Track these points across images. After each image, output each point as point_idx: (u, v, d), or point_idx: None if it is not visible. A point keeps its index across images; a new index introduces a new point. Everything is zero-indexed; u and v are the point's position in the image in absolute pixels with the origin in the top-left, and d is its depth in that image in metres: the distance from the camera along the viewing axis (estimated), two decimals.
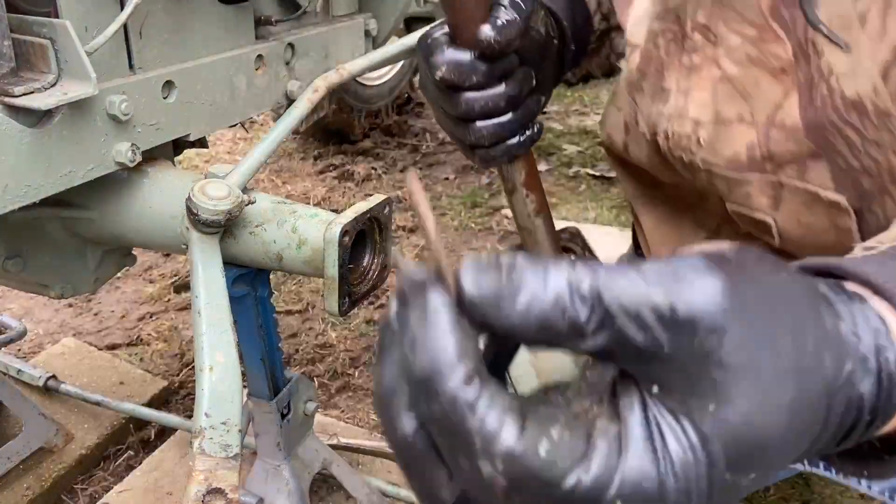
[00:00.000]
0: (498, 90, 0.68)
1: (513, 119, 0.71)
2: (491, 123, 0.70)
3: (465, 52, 0.66)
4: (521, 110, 0.71)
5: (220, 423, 0.92)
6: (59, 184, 1.02)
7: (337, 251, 1.04)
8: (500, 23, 0.65)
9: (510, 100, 0.69)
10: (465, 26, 0.65)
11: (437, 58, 0.67)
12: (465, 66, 0.66)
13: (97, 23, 1.03)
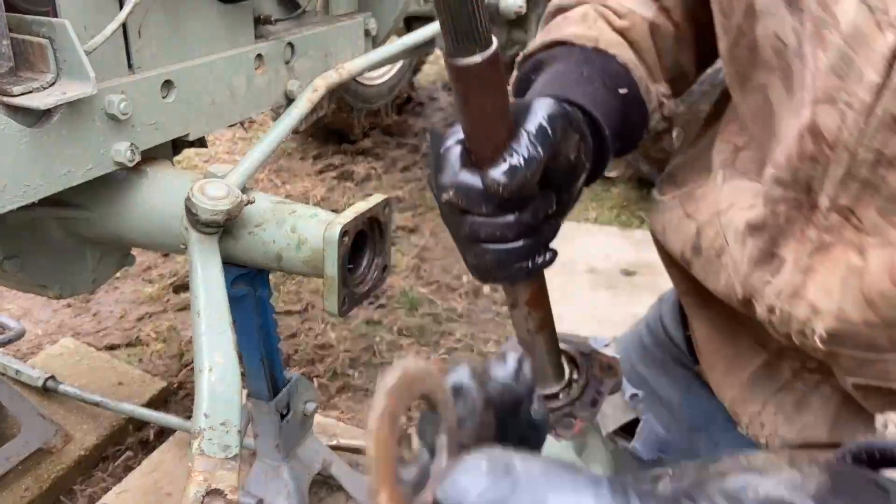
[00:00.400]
0: (508, 219, 0.61)
1: (522, 246, 0.63)
2: (496, 248, 0.63)
3: (478, 176, 0.58)
4: (533, 238, 0.63)
5: (220, 423, 0.91)
6: (58, 184, 1.02)
7: (337, 251, 1.03)
8: (514, 163, 0.57)
9: (522, 228, 0.62)
10: (481, 145, 0.58)
11: (446, 178, 0.60)
12: (474, 195, 0.59)
13: (96, 22, 1.03)
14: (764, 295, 0.67)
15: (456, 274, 2.91)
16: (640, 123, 0.78)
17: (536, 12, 2.91)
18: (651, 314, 1.05)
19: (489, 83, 0.54)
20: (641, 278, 2.78)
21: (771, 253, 0.67)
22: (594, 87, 0.73)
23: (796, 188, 0.62)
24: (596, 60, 0.75)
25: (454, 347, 2.48)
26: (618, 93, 0.74)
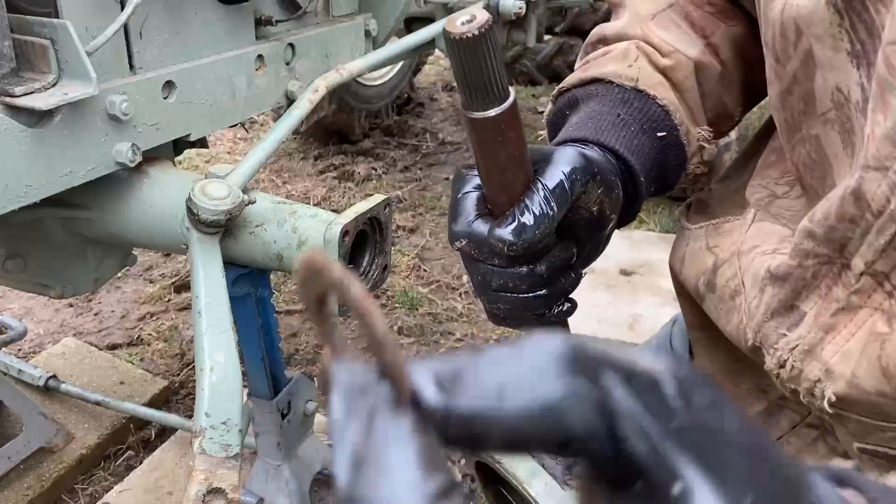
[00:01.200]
0: (520, 270, 0.60)
1: (536, 297, 0.62)
2: (509, 297, 0.62)
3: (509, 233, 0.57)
4: (548, 289, 0.62)
5: (221, 422, 0.92)
6: (60, 184, 1.02)
7: (337, 251, 1.04)
8: (523, 221, 0.55)
9: (536, 280, 0.61)
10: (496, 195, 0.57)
11: (459, 226, 0.59)
12: (485, 247, 0.58)
13: (97, 23, 1.03)
14: (777, 347, 0.64)
15: (456, 274, 2.92)
16: (678, 167, 0.75)
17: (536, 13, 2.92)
18: (661, 335, 1.03)
19: (504, 135, 0.54)
20: (640, 278, 2.78)
21: (791, 305, 0.63)
22: (630, 130, 0.71)
23: (829, 246, 0.60)
24: (634, 102, 0.73)
25: (454, 347, 2.48)
26: (656, 136, 0.72)
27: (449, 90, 5.37)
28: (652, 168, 0.72)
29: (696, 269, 0.76)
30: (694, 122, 0.76)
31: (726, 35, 0.78)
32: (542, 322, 0.64)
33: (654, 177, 0.72)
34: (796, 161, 0.65)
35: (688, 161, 0.75)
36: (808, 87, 0.60)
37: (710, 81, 0.77)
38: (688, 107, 0.75)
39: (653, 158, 0.72)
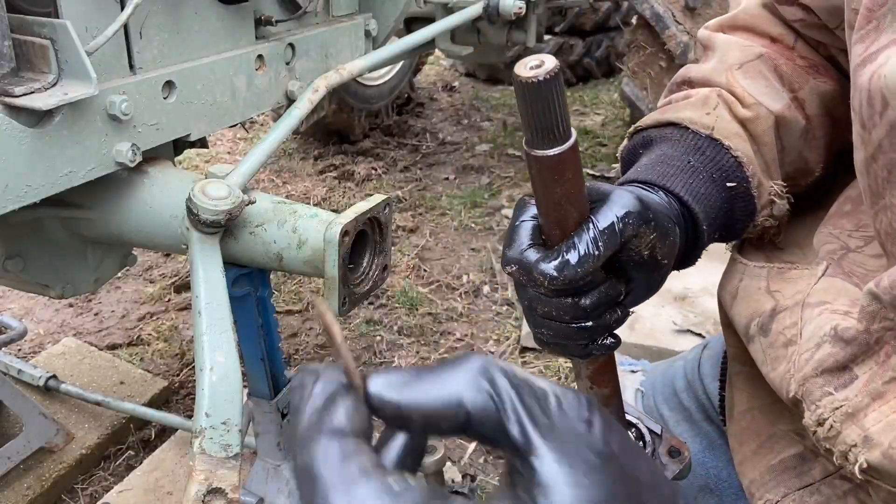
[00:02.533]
0: (565, 301, 0.61)
1: (579, 329, 0.63)
2: (553, 325, 0.64)
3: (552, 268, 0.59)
4: (592, 321, 0.63)
5: (221, 422, 0.92)
6: (60, 184, 1.02)
7: (337, 251, 1.04)
8: (568, 259, 0.58)
9: (580, 313, 0.62)
10: (550, 227, 0.60)
11: (512, 252, 0.61)
12: (533, 276, 0.59)
13: (97, 23, 1.03)
14: (819, 404, 0.63)
15: (456, 274, 2.92)
16: (746, 217, 0.75)
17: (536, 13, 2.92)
18: (690, 359, 1.01)
19: (563, 174, 0.56)
20: None
21: (845, 366, 0.62)
22: (699, 178, 0.71)
23: (893, 311, 0.59)
24: (707, 150, 0.73)
25: (454, 347, 2.48)
26: (725, 186, 0.72)
27: (448, 90, 5.38)
28: (717, 217, 0.72)
29: (751, 308, 0.75)
30: (768, 176, 0.75)
31: (815, 90, 0.77)
32: (584, 353, 0.65)
33: (718, 224, 0.73)
34: (879, 228, 0.65)
35: (756, 213, 0.75)
36: (893, 157, 0.60)
37: (792, 136, 0.77)
38: (763, 160, 0.75)
39: (719, 207, 0.72)
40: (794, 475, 0.72)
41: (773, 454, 0.75)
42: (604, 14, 5.15)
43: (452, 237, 3.23)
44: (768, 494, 0.74)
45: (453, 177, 3.91)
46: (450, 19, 1.98)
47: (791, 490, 0.72)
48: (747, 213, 0.74)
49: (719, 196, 0.72)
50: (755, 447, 0.78)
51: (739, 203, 0.74)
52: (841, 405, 0.61)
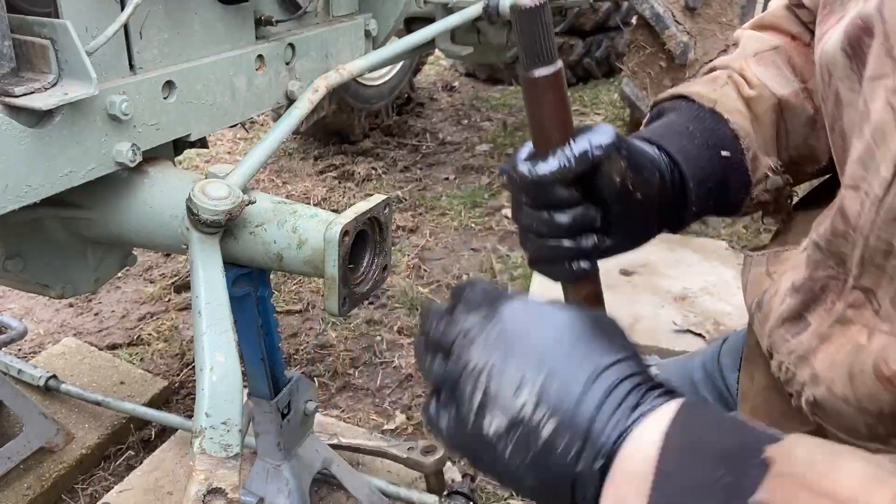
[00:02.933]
0: (541, 215, 0.69)
1: (555, 247, 0.70)
2: (532, 238, 0.71)
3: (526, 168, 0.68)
4: (567, 241, 0.70)
5: (221, 422, 0.92)
6: (60, 184, 1.02)
7: (337, 251, 1.04)
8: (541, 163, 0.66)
9: (554, 229, 0.69)
10: (538, 146, 0.69)
11: (507, 164, 0.70)
12: (516, 183, 0.68)
13: (97, 23, 1.03)
14: (780, 352, 0.70)
15: (456, 274, 2.92)
16: (741, 189, 0.80)
17: None
18: (709, 352, 1.05)
19: (548, 94, 0.66)
20: (640, 278, 2.78)
21: (800, 315, 0.69)
22: (693, 142, 0.78)
23: (833, 259, 0.64)
24: (707, 120, 0.80)
25: None
26: (720, 154, 0.78)
27: (448, 90, 5.38)
28: (709, 181, 0.78)
29: (754, 291, 0.81)
30: (765, 153, 0.80)
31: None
32: (562, 273, 0.73)
33: (712, 190, 0.78)
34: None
35: (752, 186, 0.80)
36: (841, 125, 0.65)
37: (797, 122, 0.82)
38: (762, 138, 0.81)
39: (711, 172, 0.78)
40: None
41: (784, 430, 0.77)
42: (604, 14, 5.14)
43: (452, 237, 3.23)
44: None
45: (453, 177, 3.91)
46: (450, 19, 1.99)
47: None
48: (742, 184, 0.80)
49: (713, 163, 0.78)
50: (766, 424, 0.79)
51: (734, 174, 0.79)
52: (794, 349, 0.68)
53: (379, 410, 2.19)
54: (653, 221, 0.77)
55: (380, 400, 2.24)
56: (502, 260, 3.03)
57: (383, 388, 2.28)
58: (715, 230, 3.40)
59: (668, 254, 2.99)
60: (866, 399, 0.59)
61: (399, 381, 2.31)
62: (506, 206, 3.53)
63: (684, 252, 3.02)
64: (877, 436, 0.61)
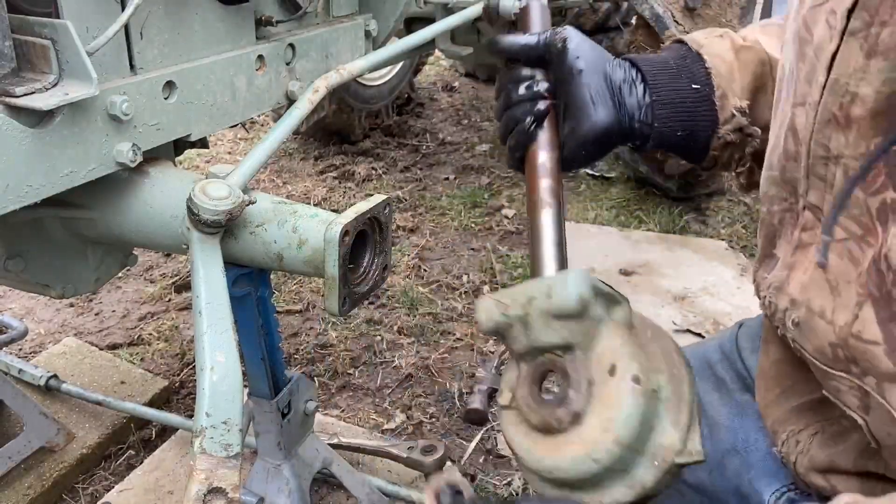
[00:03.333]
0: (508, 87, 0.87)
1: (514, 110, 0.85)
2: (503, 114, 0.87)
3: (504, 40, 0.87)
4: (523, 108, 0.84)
5: (221, 422, 0.92)
6: (61, 184, 1.02)
7: (337, 251, 1.04)
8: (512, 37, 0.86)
9: (516, 97, 0.85)
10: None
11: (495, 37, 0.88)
12: (491, 44, 0.88)
13: (98, 23, 1.04)
14: (762, 289, 0.77)
15: (456, 274, 2.92)
16: (709, 126, 0.86)
17: None
18: (727, 336, 1.08)
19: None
20: (640, 278, 2.78)
21: (770, 252, 0.76)
22: (667, 71, 0.86)
23: (785, 188, 0.71)
24: (689, 58, 0.88)
25: (454, 347, 2.48)
26: (691, 87, 0.86)
27: (448, 90, 5.38)
28: (678, 105, 0.85)
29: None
30: (735, 94, 0.86)
31: None
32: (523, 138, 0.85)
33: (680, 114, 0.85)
34: None
35: (719, 124, 0.86)
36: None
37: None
38: (740, 84, 0.86)
39: (682, 100, 0.85)
40: (815, 412, 0.80)
41: (796, 398, 0.82)
42: (604, 14, 5.14)
43: (452, 237, 3.23)
44: (790, 426, 0.82)
45: (453, 177, 3.91)
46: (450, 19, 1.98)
47: (812, 421, 0.79)
48: (710, 120, 0.86)
49: (681, 90, 0.86)
50: (780, 392, 0.85)
51: (703, 107, 0.86)
52: (771, 283, 0.74)
53: (379, 410, 2.19)
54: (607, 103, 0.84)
55: (380, 400, 2.24)
56: (502, 260, 3.03)
57: (383, 388, 2.29)
58: (715, 230, 3.40)
59: (668, 254, 2.99)
60: (840, 310, 0.63)
61: (399, 381, 2.32)
62: (506, 207, 3.53)
63: (684, 252, 3.02)
64: (838, 360, 0.64)
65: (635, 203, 3.60)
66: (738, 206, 3.66)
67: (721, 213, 3.60)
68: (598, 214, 3.50)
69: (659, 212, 3.50)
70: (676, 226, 3.38)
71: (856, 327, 0.61)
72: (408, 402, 2.23)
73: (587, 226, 3.29)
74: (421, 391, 2.27)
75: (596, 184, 3.90)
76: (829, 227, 0.64)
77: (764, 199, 0.75)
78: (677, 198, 3.62)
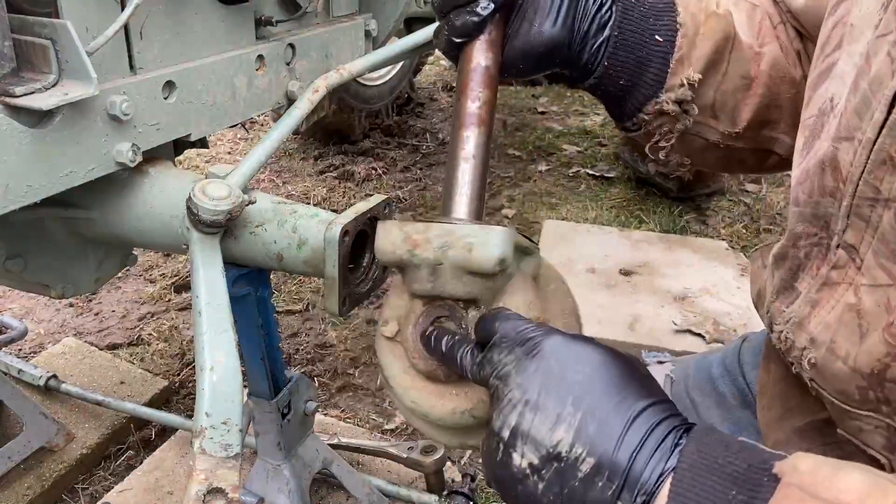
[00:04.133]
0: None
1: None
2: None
3: None
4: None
5: (221, 422, 0.92)
6: (60, 184, 1.02)
7: (337, 251, 1.04)
8: None
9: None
10: None
11: None
12: None
13: (98, 23, 1.04)
14: (778, 322, 0.72)
15: None
16: (654, 85, 0.79)
17: None
18: (729, 350, 1.06)
19: None
20: (640, 278, 2.78)
21: (791, 285, 0.72)
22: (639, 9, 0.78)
23: (816, 223, 0.66)
24: (661, 4, 0.80)
25: None
26: (654, 37, 0.78)
27: (449, 90, 5.37)
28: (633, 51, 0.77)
29: (755, 285, 0.83)
30: (690, 64, 0.80)
31: (775, 55, 0.83)
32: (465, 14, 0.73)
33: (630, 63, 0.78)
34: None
35: (663, 88, 0.79)
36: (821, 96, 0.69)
37: (738, 69, 0.81)
38: (697, 54, 0.80)
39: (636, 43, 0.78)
40: (818, 435, 0.78)
41: (799, 419, 0.81)
42: None
43: None
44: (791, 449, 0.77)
45: None
46: None
47: (814, 446, 0.77)
48: (657, 79, 0.79)
49: (642, 35, 0.78)
50: (782, 412, 0.83)
51: (655, 63, 0.79)
52: (790, 318, 0.70)
53: (379, 410, 2.19)
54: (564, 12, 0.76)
55: (380, 400, 2.24)
56: None
57: (383, 388, 2.29)
58: (715, 230, 3.40)
59: (668, 254, 2.99)
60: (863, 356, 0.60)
61: None
62: (506, 206, 3.53)
63: (684, 252, 3.02)
64: (867, 401, 0.62)
65: (635, 203, 3.60)
66: (738, 206, 3.66)
67: (721, 213, 3.60)
68: (598, 214, 3.50)
69: (659, 212, 3.50)
70: (676, 226, 3.38)
71: (891, 373, 0.59)
72: None
73: (587, 226, 3.29)
74: None
75: (596, 184, 3.90)
76: (869, 270, 0.61)
77: (790, 235, 0.71)
78: (677, 198, 3.62)
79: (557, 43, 0.75)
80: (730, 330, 2.40)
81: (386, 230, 0.65)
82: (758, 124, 0.84)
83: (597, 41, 0.77)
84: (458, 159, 0.71)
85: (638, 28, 0.78)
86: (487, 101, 0.71)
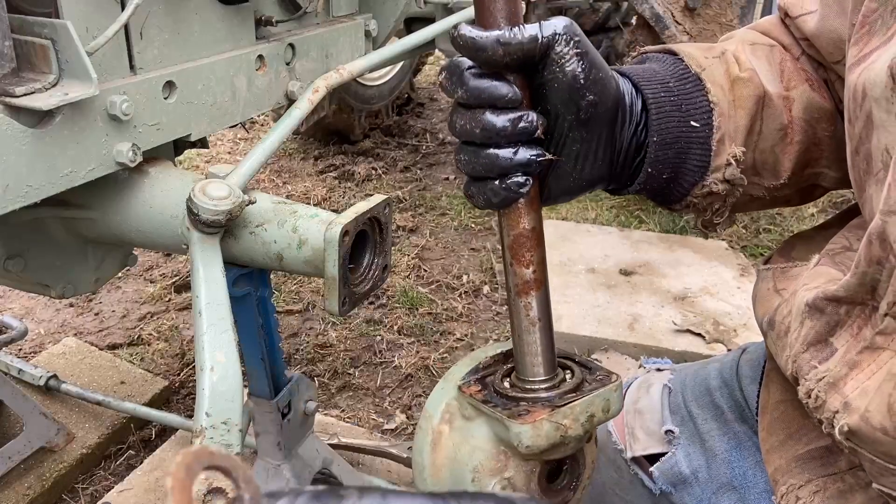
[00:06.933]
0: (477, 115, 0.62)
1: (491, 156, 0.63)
2: (468, 149, 0.64)
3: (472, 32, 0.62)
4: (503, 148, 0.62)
5: (221, 422, 0.92)
6: (60, 184, 1.02)
7: (337, 251, 1.04)
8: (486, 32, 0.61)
9: (490, 131, 0.62)
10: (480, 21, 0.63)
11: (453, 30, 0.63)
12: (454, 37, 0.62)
13: (98, 23, 1.04)
14: (808, 378, 0.68)
15: (456, 274, 2.92)
16: (698, 170, 0.74)
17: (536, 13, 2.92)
18: (727, 362, 1.04)
19: None
20: (640, 278, 2.78)
21: (825, 340, 0.67)
22: (669, 99, 0.72)
23: (862, 290, 0.63)
24: (689, 83, 0.74)
25: (454, 347, 2.48)
26: (689, 123, 0.73)
27: None
28: (669, 143, 0.72)
29: (763, 308, 0.80)
30: (732, 141, 0.75)
31: (805, 95, 0.79)
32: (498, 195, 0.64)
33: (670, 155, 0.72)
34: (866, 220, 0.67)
35: (709, 170, 0.74)
36: (868, 148, 0.63)
37: (773, 125, 0.77)
38: (735, 124, 0.75)
39: (675, 138, 0.72)
40: (819, 464, 0.75)
41: (800, 445, 0.78)
42: (604, 14, 5.14)
43: (452, 237, 3.23)
44: (792, 480, 0.77)
45: (453, 177, 3.91)
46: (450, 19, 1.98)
47: (816, 476, 0.75)
48: (701, 164, 0.74)
49: (678, 126, 0.72)
50: (784, 437, 0.81)
51: (696, 149, 0.73)
52: (823, 376, 0.65)
53: (379, 410, 2.19)
54: (602, 153, 0.68)
55: (380, 400, 2.24)
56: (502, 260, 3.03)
57: (383, 388, 2.29)
58: None
59: (668, 254, 2.99)
60: None
61: (399, 381, 2.32)
62: None
63: (684, 252, 3.02)
64: None
65: (635, 203, 3.60)
66: None
67: None
68: (598, 214, 3.50)
69: (659, 212, 3.50)
70: (676, 226, 3.38)
71: None
72: (408, 402, 2.23)
73: (587, 226, 3.29)
74: (421, 391, 2.27)
75: None
76: None
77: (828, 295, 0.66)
78: None
79: (598, 180, 0.71)
80: (730, 330, 2.40)
81: (536, 429, 0.65)
82: (800, 167, 0.81)
83: (637, 159, 0.73)
84: (525, 323, 0.69)
85: (674, 123, 0.72)
86: (540, 262, 0.68)
